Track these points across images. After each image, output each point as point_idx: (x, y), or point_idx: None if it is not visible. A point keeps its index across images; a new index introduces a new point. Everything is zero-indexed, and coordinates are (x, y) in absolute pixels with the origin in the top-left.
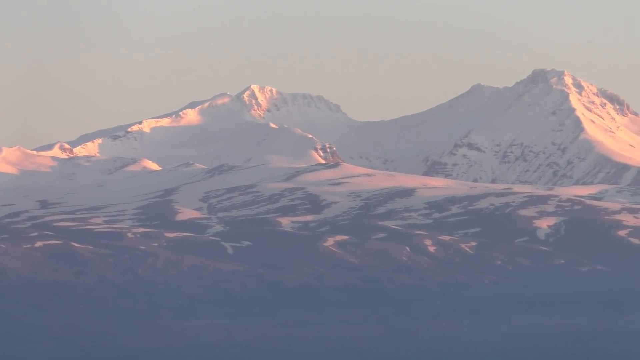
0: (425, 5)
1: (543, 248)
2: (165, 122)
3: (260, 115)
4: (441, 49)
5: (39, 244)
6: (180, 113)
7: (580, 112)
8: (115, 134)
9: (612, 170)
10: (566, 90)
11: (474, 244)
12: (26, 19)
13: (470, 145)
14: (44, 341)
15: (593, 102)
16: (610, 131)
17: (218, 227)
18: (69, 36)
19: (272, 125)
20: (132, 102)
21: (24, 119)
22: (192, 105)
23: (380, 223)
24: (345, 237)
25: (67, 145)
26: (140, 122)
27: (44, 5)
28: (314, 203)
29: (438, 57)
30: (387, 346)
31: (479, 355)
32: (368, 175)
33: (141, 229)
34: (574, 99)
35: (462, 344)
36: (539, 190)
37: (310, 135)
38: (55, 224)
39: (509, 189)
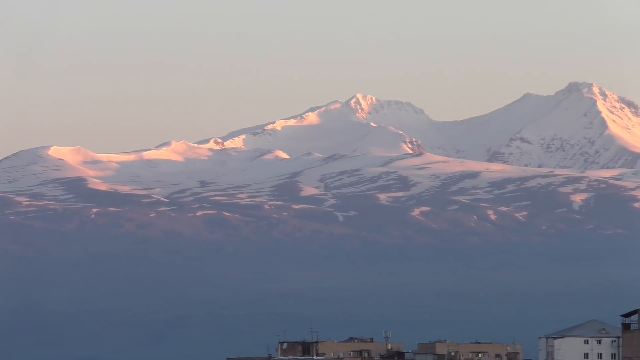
0: (490, 32)
1: (577, 216)
2: (292, 122)
3: (363, 117)
4: (500, 66)
5: (199, 213)
6: (304, 115)
7: (604, 114)
8: (255, 131)
9: (629, 157)
10: (594, 97)
11: (525, 213)
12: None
13: (522, 139)
14: (203, 285)
15: (614, 107)
16: (628, 128)
17: (332, 201)
18: (229, 60)
19: (372, 124)
20: (268, 107)
21: (188, 119)
22: (312, 110)
23: (454, 198)
24: (427, 208)
25: (219, 140)
26: (273, 122)
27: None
28: (404, 183)
29: (498, 73)
30: (458, 290)
31: (529, 297)
32: (445, 162)
33: (275, 202)
34: (600, 104)
35: (516, 289)
36: (574, 173)
37: (401, 132)
38: (211, 198)
39: (551, 172)
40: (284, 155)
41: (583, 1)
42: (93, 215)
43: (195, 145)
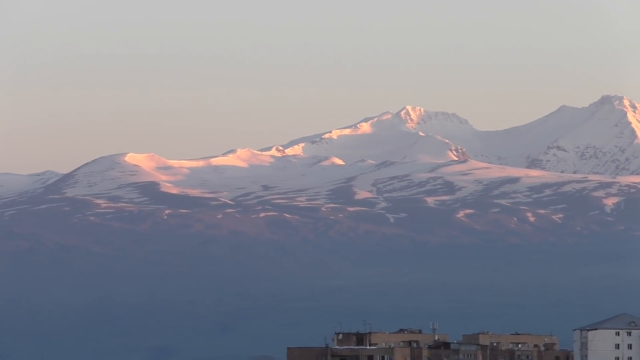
0: (529, 48)
1: (609, 218)
2: (347, 131)
3: (412, 127)
4: (538, 80)
5: (262, 215)
6: (358, 125)
7: (634, 124)
8: (314, 139)
9: None
10: (625, 109)
11: (561, 215)
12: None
13: (558, 148)
14: (265, 281)
15: None
16: None
17: (384, 204)
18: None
19: (421, 133)
20: (325, 118)
21: (252, 129)
22: (365, 120)
23: (495, 201)
24: (471, 210)
25: (281, 147)
26: (330, 132)
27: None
28: (449, 187)
29: (536, 86)
30: (499, 286)
31: (565, 292)
32: (487, 168)
33: (331, 205)
34: (630, 116)
35: (553, 285)
36: (606, 179)
37: (447, 141)
38: (273, 201)
39: (585, 177)
40: (340, 162)
41: (613, 24)
42: (165, 217)
43: (259, 152)
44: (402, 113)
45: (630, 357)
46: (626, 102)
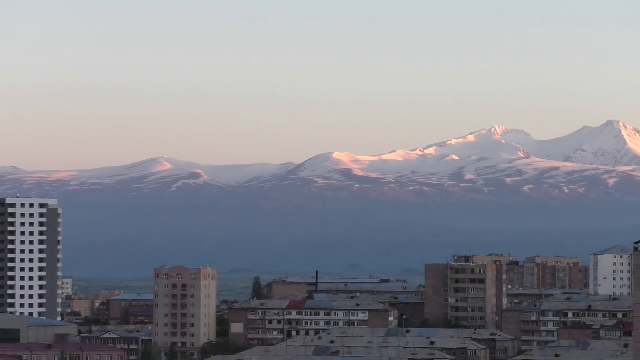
0: (566, 90)
1: (610, 191)
2: (460, 140)
3: (498, 137)
4: (571, 108)
5: (411, 187)
6: (466, 136)
7: (625, 137)
8: (440, 144)
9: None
10: (620, 128)
11: (583, 189)
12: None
13: (582, 150)
14: (410, 225)
15: (632, 133)
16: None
17: (481, 181)
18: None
19: (503, 141)
20: (448, 131)
21: (406, 137)
22: (471, 133)
23: (546, 180)
24: (532, 185)
25: (422, 148)
26: (450, 140)
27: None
28: (519, 172)
29: (569, 113)
30: (548, 228)
31: (587, 230)
32: (541, 161)
33: (450, 182)
34: (623, 132)
35: (579, 227)
36: (609, 168)
37: (518, 145)
38: (417, 180)
39: (597, 167)
40: (456, 157)
41: (604, 59)
42: (355, 189)
43: (409, 151)
44: (492, 129)
45: (622, 270)
46: (621, 124)
